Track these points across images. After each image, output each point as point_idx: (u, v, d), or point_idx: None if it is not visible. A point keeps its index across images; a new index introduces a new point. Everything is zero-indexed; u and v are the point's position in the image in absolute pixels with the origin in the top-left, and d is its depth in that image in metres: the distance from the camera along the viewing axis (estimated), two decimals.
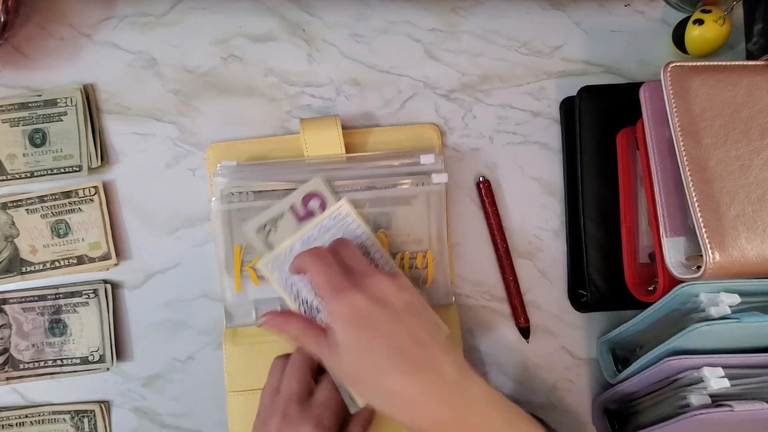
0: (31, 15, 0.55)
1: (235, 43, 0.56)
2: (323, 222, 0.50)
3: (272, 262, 0.49)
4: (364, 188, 0.51)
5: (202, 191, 0.55)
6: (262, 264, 0.49)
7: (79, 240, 0.53)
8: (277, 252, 0.49)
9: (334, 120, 0.52)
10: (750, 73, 0.48)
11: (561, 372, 0.56)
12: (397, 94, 0.56)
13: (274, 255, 0.49)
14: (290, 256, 0.48)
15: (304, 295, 0.48)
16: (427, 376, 0.38)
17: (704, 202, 0.44)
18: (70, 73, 0.55)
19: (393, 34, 0.57)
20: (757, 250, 0.44)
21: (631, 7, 0.58)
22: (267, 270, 0.49)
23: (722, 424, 0.43)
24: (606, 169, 0.53)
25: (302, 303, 0.48)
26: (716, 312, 0.43)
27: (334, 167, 0.52)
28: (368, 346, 0.39)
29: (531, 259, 0.56)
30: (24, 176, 0.53)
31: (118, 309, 0.54)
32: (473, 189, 0.56)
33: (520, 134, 0.57)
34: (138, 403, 0.54)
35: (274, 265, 0.49)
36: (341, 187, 0.51)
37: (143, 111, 0.55)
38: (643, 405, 0.50)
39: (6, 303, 0.53)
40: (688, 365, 0.44)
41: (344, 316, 0.40)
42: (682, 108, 0.46)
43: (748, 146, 0.46)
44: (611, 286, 0.53)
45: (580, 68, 0.57)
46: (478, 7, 0.57)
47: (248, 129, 0.55)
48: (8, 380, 0.53)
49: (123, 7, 0.55)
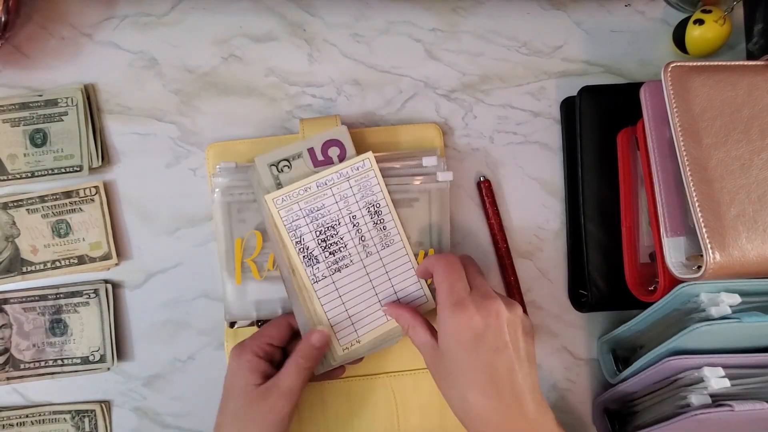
0: (32, 15, 0.55)
1: (236, 43, 0.56)
2: (344, 170, 0.49)
3: (282, 198, 0.48)
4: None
5: (202, 191, 0.55)
6: (271, 198, 0.48)
7: (79, 240, 0.53)
8: (289, 189, 0.48)
9: (335, 120, 0.52)
10: (750, 73, 0.48)
11: (561, 372, 0.56)
12: (397, 94, 0.56)
13: (285, 191, 0.48)
14: (303, 196, 0.48)
15: (306, 241, 0.48)
16: (509, 407, 0.41)
17: (705, 202, 0.44)
18: (71, 73, 0.55)
19: (393, 34, 0.57)
20: (758, 250, 0.44)
21: (631, 7, 0.58)
22: (273, 205, 0.48)
23: (722, 423, 0.44)
24: (606, 169, 0.53)
25: (303, 249, 0.48)
26: (717, 312, 0.43)
27: None
28: (468, 364, 0.41)
29: (531, 258, 0.56)
30: (25, 176, 0.53)
31: (119, 309, 0.54)
32: (474, 189, 0.56)
33: (520, 134, 0.57)
34: (138, 403, 0.54)
35: (283, 201, 0.48)
36: None
37: (144, 111, 0.55)
38: (644, 405, 0.50)
39: (7, 303, 0.53)
40: (689, 365, 0.44)
41: (457, 331, 0.42)
42: (683, 108, 0.46)
43: (748, 146, 0.46)
44: (611, 286, 0.53)
45: (581, 68, 0.57)
46: (478, 7, 0.57)
47: (249, 129, 0.55)
48: (9, 380, 0.53)
49: (124, 7, 0.55)
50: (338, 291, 0.49)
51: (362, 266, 0.50)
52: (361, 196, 0.50)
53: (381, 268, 0.50)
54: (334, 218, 0.49)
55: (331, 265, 0.49)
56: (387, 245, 0.50)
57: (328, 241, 0.49)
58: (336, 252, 0.49)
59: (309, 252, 0.49)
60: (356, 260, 0.50)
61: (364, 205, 0.50)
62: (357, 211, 0.50)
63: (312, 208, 0.49)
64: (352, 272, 0.50)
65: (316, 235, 0.49)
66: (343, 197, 0.49)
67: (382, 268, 0.50)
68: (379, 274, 0.50)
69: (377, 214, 0.50)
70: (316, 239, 0.49)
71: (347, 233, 0.50)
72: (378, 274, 0.50)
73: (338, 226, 0.50)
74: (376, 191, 0.50)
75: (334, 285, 0.49)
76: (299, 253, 0.49)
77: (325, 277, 0.49)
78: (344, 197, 0.50)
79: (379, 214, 0.50)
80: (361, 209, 0.50)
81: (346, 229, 0.50)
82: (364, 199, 0.50)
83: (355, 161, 0.49)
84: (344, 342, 0.49)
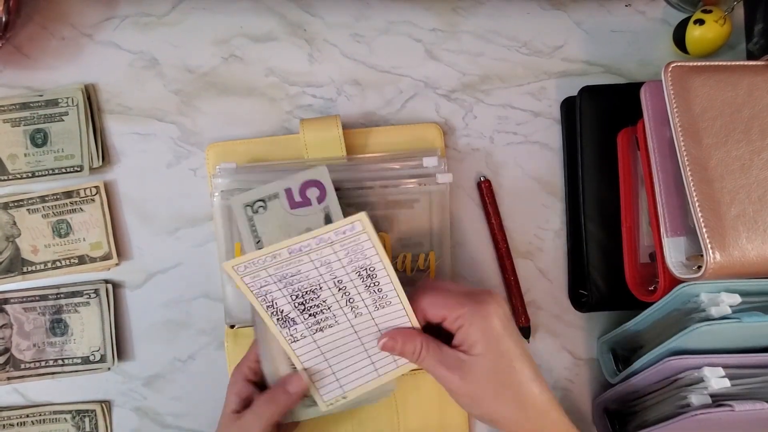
0: (33, 15, 0.55)
1: (236, 43, 0.56)
2: (325, 235, 0.39)
3: (245, 265, 0.40)
4: (365, 189, 0.51)
5: (203, 191, 0.55)
6: (230, 266, 0.39)
7: (80, 240, 0.53)
8: (252, 256, 0.39)
9: (335, 120, 0.52)
10: (751, 73, 0.48)
11: (561, 372, 0.56)
12: (397, 95, 0.56)
13: (247, 258, 0.39)
14: (272, 263, 0.40)
15: (280, 305, 0.42)
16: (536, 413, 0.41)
17: (705, 202, 0.44)
18: (72, 73, 0.55)
19: (393, 34, 0.57)
20: (758, 250, 0.44)
21: (631, 7, 0.58)
22: (235, 273, 0.40)
23: (723, 423, 0.44)
24: (606, 169, 0.53)
25: (276, 312, 0.42)
26: (717, 312, 0.43)
27: (334, 169, 0.51)
28: (510, 356, 0.41)
29: (531, 258, 0.56)
30: (25, 176, 0.53)
31: (119, 309, 0.54)
32: (474, 189, 0.56)
33: (520, 134, 0.57)
34: (139, 403, 0.54)
35: (246, 269, 0.40)
36: (342, 190, 0.51)
37: (144, 111, 0.55)
38: (644, 405, 0.50)
39: (7, 303, 0.53)
40: (689, 365, 0.44)
41: (495, 326, 0.41)
42: (683, 108, 0.46)
43: (748, 146, 0.46)
44: (612, 286, 0.53)
45: (581, 68, 0.57)
46: (478, 7, 0.57)
47: (249, 129, 0.55)
48: (9, 380, 0.53)
49: (124, 7, 0.55)
50: (320, 349, 0.44)
51: (350, 326, 0.44)
52: (349, 261, 0.41)
53: (373, 327, 0.44)
54: (313, 283, 0.42)
55: (312, 326, 0.43)
56: (381, 306, 0.43)
57: (307, 304, 0.43)
58: (317, 314, 0.43)
59: (284, 315, 0.42)
60: (342, 320, 0.44)
61: (353, 269, 0.42)
62: (344, 275, 0.42)
63: (284, 275, 0.41)
64: (337, 332, 0.44)
65: (292, 299, 0.42)
66: (325, 263, 0.41)
67: (374, 327, 0.44)
68: (370, 332, 0.45)
69: (370, 277, 0.42)
70: (292, 302, 0.42)
71: (332, 296, 0.43)
72: (369, 332, 0.45)
73: (320, 290, 0.42)
74: (370, 254, 0.41)
75: (316, 344, 0.44)
76: (272, 316, 0.42)
77: (304, 336, 0.44)
78: (326, 263, 0.41)
79: (373, 277, 0.42)
80: (349, 273, 0.42)
81: (330, 292, 0.43)
82: (353, 263, 0.41)
83: (341, 225, 0.39)
84: (328, 397, 0.45)
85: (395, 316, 0.44)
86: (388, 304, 0.43)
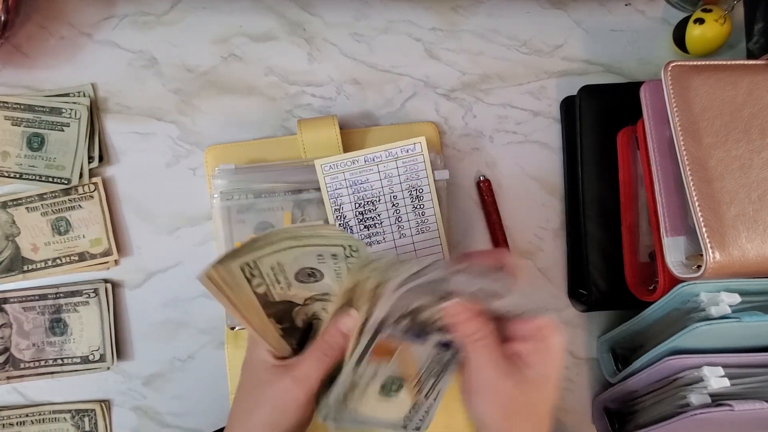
0: (32, 14, 0.55)
1: (236, 43, 0.56)
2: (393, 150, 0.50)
3: (330, 165, 0.49)
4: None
5: (202, 190, 0.55)
6: (320, 163, 0.49)
7: (79, 237, 0.53)
8: (340, 157, 0.50)
9: (332, 120, 0.52)
10: (751, 72, 0.48)
11: (561, 371, 0.56)
12: (397, 94, 0.56)
13: (334, 159, 0.49)
14: (350, 167, 0.50)
15: (345, 210, 0.49)
16: None
17: (704, 202, 0.44)
18: (71, 73, 0.55)
19: (393, 34, 0.57)
20: (758, 249, 0.44)
21: (631, 7, 0.58)
22: (321, 170, 0.49)
23: (722, 423, 0.44)
24: (606, 169, 0.53)
25: (340, 217, 0.49)
26: (716, 311, 0.43)
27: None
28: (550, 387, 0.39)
29: (531, 258, 0.56)
30: (12, 176, 0.53)
31: (119, 308, 0.54)
32: (473, 188, 0.56)
33: (520, 133, 0.57)
34: (138, 402, 0.54)
35: (330, 168, 0.50)
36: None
37: (143, 110, 0.55)
38: (644, 404, 0.50)
39: (6, 302, 0.53)
40: (689, 364, 0.44)
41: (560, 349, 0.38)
42: (683, 107, 0.46)
43: (748, 145, 0.46)
44: (611, 285, 0.53)
45: (581, 67, 0.57)
46: (478, 6, 0.57)
47: (249, 128, 0.55)
48: (9, 379, 0.53)
49: (123, 6, 0.55)
50: None
51: (393, 246, 0.50)
52: (406, 178, 0.50)
53: (412, 252, 0.50)
54: (375, 194, 0.50)
55: (363, 239, 0.50)
56: (422, 231, 0.51)
57: (365, 215, 0.50)
58: (371, 227, 0.50)
59: (345, 221, 0.49)
60: (389, 239, 0.50)
61: (407, 187, 0.50)
62: (399, 192, 0.50)
63: (356, 180, 0.50)
64: (382, 250, 0.50)
65: (355, 206, 0.50)
66: (388, 176, 0.50)
67: (413, 252, 0.50)
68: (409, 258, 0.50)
69: (419, 198, 0.50)
70: (354, 210, 0.50)
71: (385, 211, 0.50)
72: (407, 257, 0.50)
73: (378, 203, 0.50)
74: (422, 176, 0.50)
75: None
76: (336, 220, 0.49)
77: None
78: (389, 176, 0.50)
79: (420, 199, 0.50)
80: (404, 191, 0.50)
81: (384, 207, 0.50)
82: (409, 181, 0.50)
83: (407, 143, 0.50)
84: None
85: (432, 244, 0.51)
86: (428, 230, 0.51)
